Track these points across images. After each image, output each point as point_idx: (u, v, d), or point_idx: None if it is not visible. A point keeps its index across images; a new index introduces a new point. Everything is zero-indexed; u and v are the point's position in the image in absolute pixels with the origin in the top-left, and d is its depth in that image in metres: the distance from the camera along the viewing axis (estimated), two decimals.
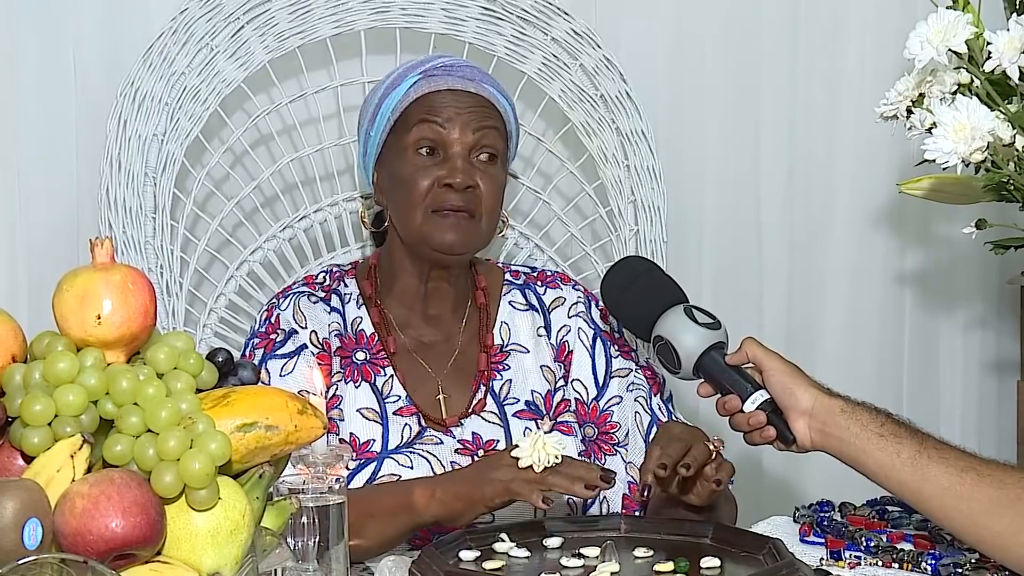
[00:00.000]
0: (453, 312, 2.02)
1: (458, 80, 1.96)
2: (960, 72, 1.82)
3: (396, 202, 1.97)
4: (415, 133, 1.94)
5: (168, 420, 1.19)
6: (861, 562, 1.69)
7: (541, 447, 1.63)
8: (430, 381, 1.98)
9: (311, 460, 1.42)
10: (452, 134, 1.93)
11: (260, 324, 1.99)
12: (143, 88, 2.15)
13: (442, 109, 1.94)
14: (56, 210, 2.25)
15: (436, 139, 1.94)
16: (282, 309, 1.97)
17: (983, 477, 1.55)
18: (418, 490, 1.73)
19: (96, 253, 1.27)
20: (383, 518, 1.69)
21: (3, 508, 1.10)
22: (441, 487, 1.71)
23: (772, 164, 2.55)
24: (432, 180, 1.92)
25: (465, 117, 1.94)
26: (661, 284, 1.85)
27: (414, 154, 1.94)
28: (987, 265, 2.55)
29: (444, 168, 1.92)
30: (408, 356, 1.98)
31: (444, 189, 1.92)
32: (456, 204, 1.92)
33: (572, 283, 2.09)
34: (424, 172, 1.93)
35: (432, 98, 1.95)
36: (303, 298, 1.98)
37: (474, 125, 1.94)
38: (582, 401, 2.01)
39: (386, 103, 1.97)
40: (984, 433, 2.64)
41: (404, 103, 1.95)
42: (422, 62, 2.00)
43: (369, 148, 2.00)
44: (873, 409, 1.65)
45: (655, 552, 1.63)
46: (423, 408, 1.95)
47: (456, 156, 1.93)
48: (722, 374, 1.74)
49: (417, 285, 2.00)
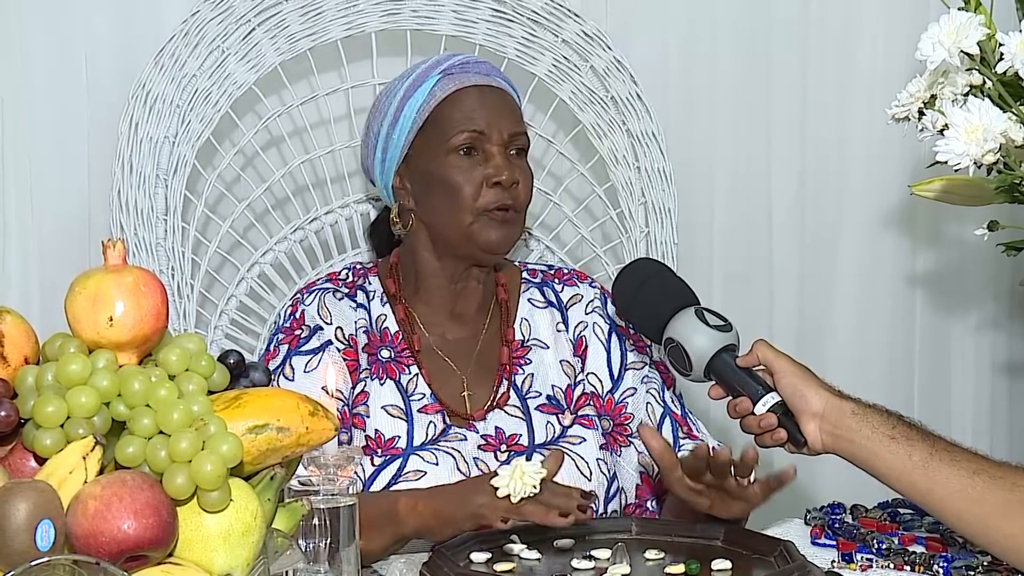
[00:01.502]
0: (478, 311, 2.03)
1: (478, 76, 1.97)
2: (972, 74, 1.81)
3: (434, 205, 1.97)
4: (452, 135, 1.94)
5: (180, 422, 1.19)
6: (873, 565, 1.69)
7: (519, 476, 1.61)
8: (455, 378, 1.99)
9: (322, 462, 1.42)
10: (490, 132, 1.94)
11: (284, 319, 1.99)
12: (155, 90, 2.15)
13: (475, 107, 1.95)
14: (68, 212, 2.26)
15: (475, 138, 1.94)
16: (307, 304, 1.98)
17: (995, 479, 1.55)
18: (402, 501, 1.73)
19: (108, 255, 1.27)
20: (369, 528, 1.69)
21: (16, 509, 1.11)
22: (423, 501, 1.72)
23: (783, 166, 2.55)
24: (479, 181, 1.93)
25: (497, 113, 1.95)
26: (672, 286, 1.85)
27: (454, 156, 1.94)
28: (999, 267, 2.54)
29: (489, 167, 1.93)
30: (433, 354, 1.99)
31: (493, 188, 1.93)
32: (506, 202, 1.93)
33: (589, 280, 2.10)
34: (468, 173, 1.94)
35: (461, 97, 1.95)
36: (328, 294, 1.99)
37: (506, 120, 1.96)
38: (597, 394, 2.02)
39: (409, 104, 1.97)
40: (996, 434, 2.63)
41: (431, 103, 1.96)
42: (438, 61, 2.00)
43: (391, 152, 1.99)
44: (884, 411, 1.64)
45: (666, 554, 1.63)
46: (448, 404, 1.96)
47: (496, 154, 1.94)
48: (733, 376, 1.73)
49: (447, 285, 2.01)
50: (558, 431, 1.97)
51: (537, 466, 1.63)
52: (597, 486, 1.94)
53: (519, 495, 1.61)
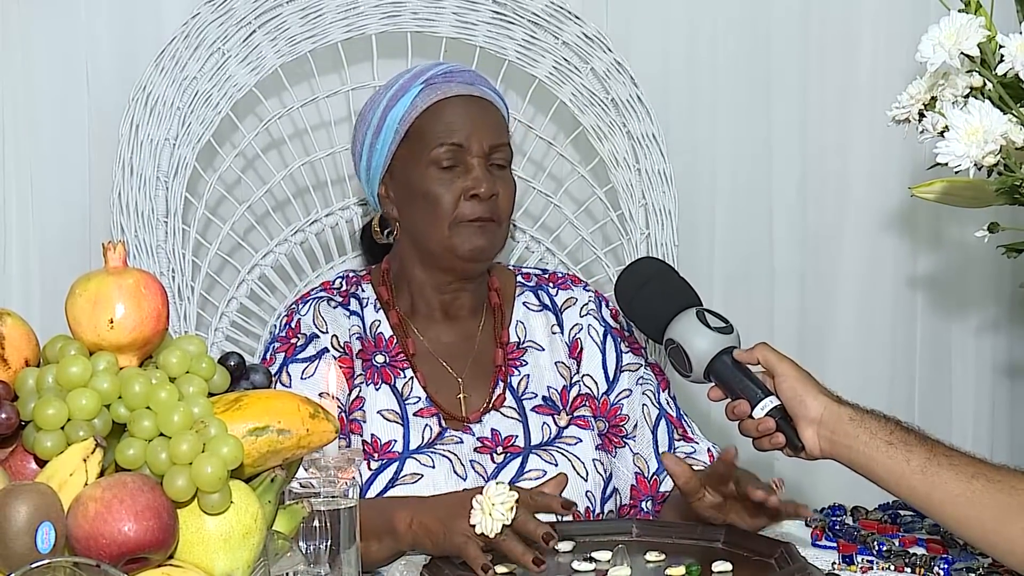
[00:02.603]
0: (471, 313, 2.03)
1: (461, 86, 1.97)
2: (972, 75, 1.81)
3: (415, 216, 1.97)
4: (433, 147, 1.94)
5: (180, 424, 1.19)
6: (873, 566, 1.69)
7: (489, 513, 1.59)
8: (451, 381, 1.99)
9: (323, 464, 1.42)
10: (470, 144, 1.94)
11: (280, 329, 1.99)
12: (155, 92, 2.15)
13: (455, 119, 1.95)
14: (69, 214, 2.26)
15: (455, 151, 1.94)
16: (302, 314, 1.98)
17: (993, 483, 1.54)
18: (399, 515, 1.71)
19: (109, 257, 1.27)
20: (369, 539, 1.68)
21: (16, 512, 1.11)
22: (418, 518, 1.69)
23: (784, 168, 2.55)
24: (457, 193, 1.93)
25: (478, 124, 1.95)
26: (674, 286, 1.85)
27: (434, 168, 1.94)
28: (999, 268, 2.54)
29: (467, 179, 1.93)
30: (428, 357, 2.00)
31: (470, 200, 1.93)
32: (483, 214, 1.93)
33: (583, 284, 2.10)
34: (447, 185, 1.94)
35: (442, 108, 1.95)
36: (323, 303, 1.99)
37: (487, 132, 1.96)
38: (592, 396, 2.02)
39: (391, 115, 1.97)
40: (996, 437, 2.63)
41: (412, 114, 1.96)
42: (421, 71, 2.00)
43: (375, 161, 2.00)
44: (882, 417, 1.64)
45: (667, 556, 1.63)
46: (444, 407, 1.96)
47: (476, 166, 1.94)
48: (733, 379, 1.73)
49: (433, 295, 2.01)
50: (554, 432, 1.97)
51: (504, 494, 1.59)
52: (593, 486, 1.94)
53: (494, 531, 1.59)
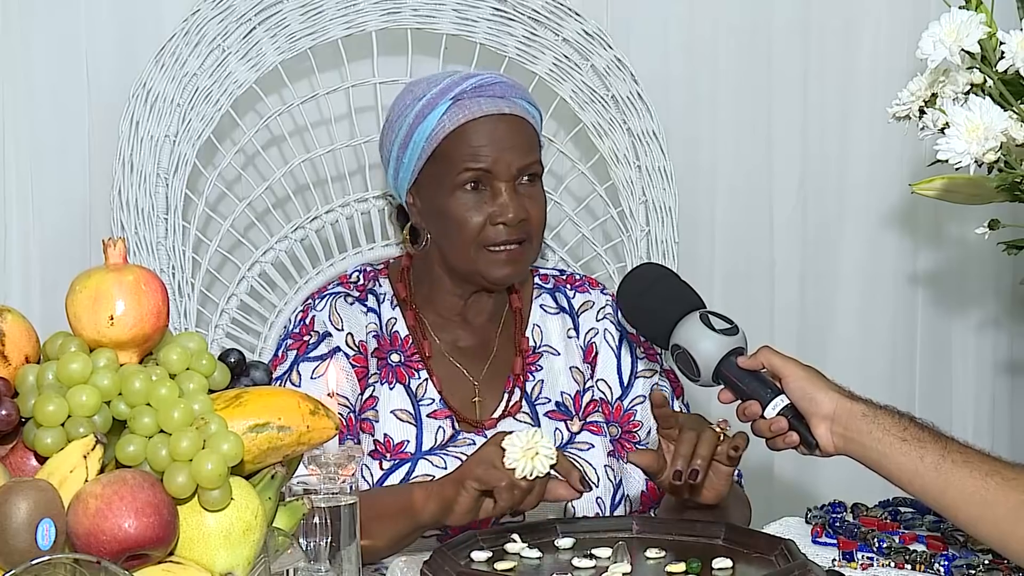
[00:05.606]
0: (490, 318, 2.03)
1: (490, 102, 1.92)
2: (973, 72, 1.81)
3: (442, 234, 1.95)
4: (459, 171, 1.90)
5: (181, 421, 1.19)
6: (873, 563, 1.69)
7: (531, 457, 1.61)
8: (466, 384, 1.98)
9: (323, 461, 1.42)
10: (497, 169, 1.90)
11: (295, 325, 1.98)
12: (155, 89, 2.15)
13: (482, 144, 1.90)
14: (69, 211, 2.26)
15: (481, 176, 1.91)
16: (318, 310, 1.97)
17: (1008, 481, 1.53)
18: (417, 490, 1.73)
19: (109, 254, 1.27)
20: (387, 520, 1.70)
21: (16, 508, 1.11)
22: (434, 488, 1.72)
23: (784, 164, 2.55)
24: (483, 218, 1.90)
25: (505, 147, 1.91)
26: (676, 291, 1.83)
27: (460, 191, 1.91)
28: (1000, 265, 2.54)
29: (494, 205, 1.90)
30: (444, 359, 1.99)
31: (497, 226, 1.91)
32: (510, 237, 1.91)
33: (600, 287, 2.09)
34: (473, 210, 1.90)
35: (469, 130, 1.90)
36: (340, 299, 1.98)
37: (516, 154, 1.91)
38: (606, 401, 2.02)
39: (419, 132, 1.93)
40: (997, 433, 2.63)
41: (439, 134, 1.91)
42: (451, 84, 1.94)
43: (402, 173, 1.97)
44: (896, 413, 1.63)
45: (667, 553, 1.63)
46: (458, 410, 1.95)
47: (503, 191, 1.90)
48: (742, 380, 1.72)
49: (456, 301, 2.00)
50: (566, 437, 1.97)
51: (552, 448, 1.63)
52: (603, 492, 1.93)
53: (536, 472, 1.60)
